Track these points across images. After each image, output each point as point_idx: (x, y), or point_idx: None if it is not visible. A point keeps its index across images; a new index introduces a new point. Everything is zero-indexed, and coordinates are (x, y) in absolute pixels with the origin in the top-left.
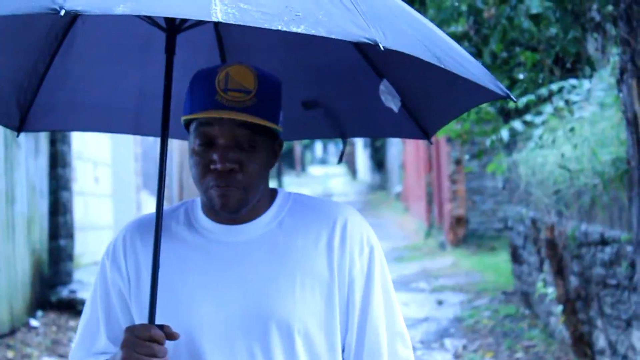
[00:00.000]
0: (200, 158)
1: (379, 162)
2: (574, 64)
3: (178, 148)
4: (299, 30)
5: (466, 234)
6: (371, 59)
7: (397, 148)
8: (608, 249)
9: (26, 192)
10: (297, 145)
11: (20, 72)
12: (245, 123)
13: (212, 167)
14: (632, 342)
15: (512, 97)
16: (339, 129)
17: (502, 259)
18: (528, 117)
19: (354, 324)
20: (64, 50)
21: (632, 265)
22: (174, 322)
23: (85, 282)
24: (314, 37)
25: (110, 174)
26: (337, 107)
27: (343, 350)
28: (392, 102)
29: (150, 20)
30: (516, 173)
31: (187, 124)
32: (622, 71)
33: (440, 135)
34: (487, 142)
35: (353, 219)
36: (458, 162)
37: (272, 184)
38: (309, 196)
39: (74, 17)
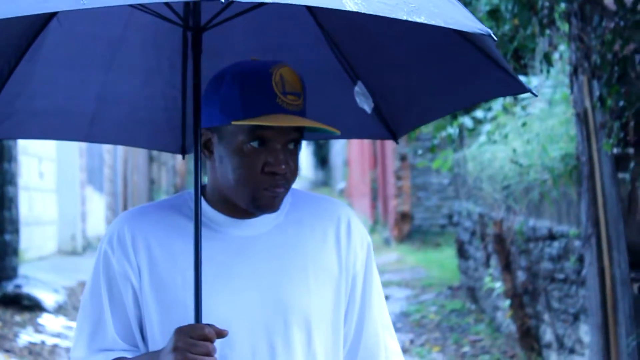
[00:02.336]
0: (252, 160)
1: (322, 158)
2: (529, 61)
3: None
4: (420, 20)
5: (411, 230)
6: (347, 63)
7: (341, 144)
8: (556, 244)
9: None
10: None
11: None
12: (298, 127)
13: (266, 169)
14: (579, 335)
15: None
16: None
17: (447, 254)
18: (477, 114)
19: (354, 316)
20: (30, 56)
21: (580, 259)
22: (191, 319)
23: (30, 277)
24: (288, 40)
25: (55, 169)
26: (310, 108)
27: None
28: (365, 103)
29: (174, 20)
30: (464, 169)
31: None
32: (575, 68)
33: None
34: (443, 136)
35: (353, 216)
36: (403, 158)
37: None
38: (304, 191)
39: (48, 19)
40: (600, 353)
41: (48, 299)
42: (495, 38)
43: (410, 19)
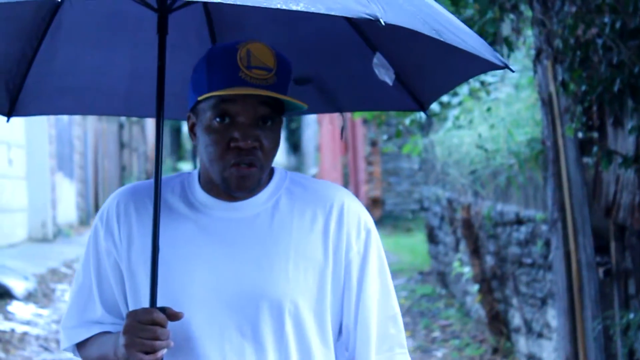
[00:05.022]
0: (219, 135)
1: (294, 144)
2: (490, 45)
3: (92, 130)
4: (298, 8)
5: (382, 216)
6: (364, 33)
7: (312, 130)
8: (523, 229)
9: None
10: None
11: (7, 58)
12: (266, 101)
13: (232, 144)
14: (547, 319)
15: (510, 67)
16: (334, 104)
17: (418, 239)
18: (444, 98)
19: (351, 306)
20: (52, 33)
21: (547, 244)
22: (165, 295)
23: None
24: (305, 12)
25: (25, 156)
26: (332, 82)
27: (340, 333)
28: (385, 75)
29: (141, 0)
30: (432, 154)
31: (198, 102)
32: (538, 52)
33: (357, 117)
34: (407, 122)
35: (350, 202)
36: (374, 143)
37: (187, 166)
38: (306, 176)
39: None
40: (568, 337)
41: (18, 286)
42: (382, 22)
43: (285, 7)
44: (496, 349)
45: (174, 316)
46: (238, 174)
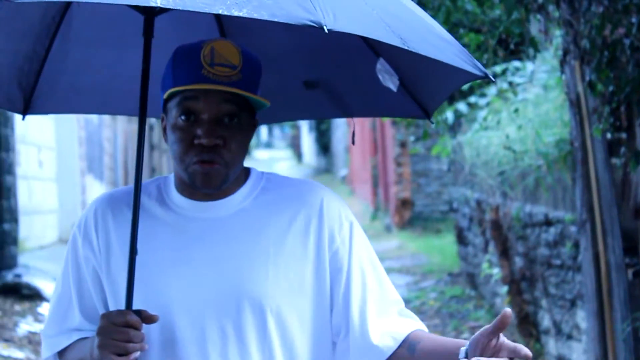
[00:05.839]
0: (183, 133)
1: (324, 145)
2: (517, 46)
3: (122, 132)
4: (241, 14)
5: (412, 217)
6: (368, 39)
7: (342, 131)
8: (552, 230)
9: None
10: None
11: (18, 56)
12: (230, 99)
13: (195, 142)
14: (576, 321)
15: (491, 76)
16: (342, 109)
17: (448, 241)
18: (472, 99)
19: (339, 300)
20: (63, 33)
21: (576, 245)
22: (145, 300)
23: (30, 267)
24: None
25: (55, 157)
26: (340, 87)
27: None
28: (389, 80)
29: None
30: (461, 155)
31: (166, 101)
32: (565, 53)
33: (386, 118)
34: (433, 125)
35: (329, 197)
36: (403, 144)
37: None
38: (282, 175)
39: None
40: (597, 339)
41: (48, 287)
42: (326, 29)
43: (227, 13)
44: None
45: (148, 319)
46: (202, 170)
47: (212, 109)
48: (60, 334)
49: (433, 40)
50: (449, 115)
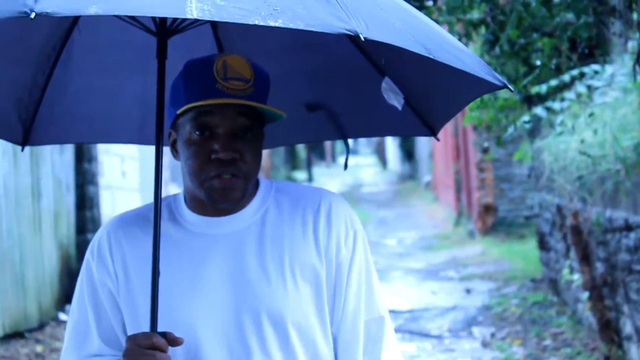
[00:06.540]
0: (199, 148)
1: (408, 151)
2: (592, 49)
3: None
4: (276, 24)
5: (495, 222)
6: (372, 58)
7: (426, 137)
8: (633, 235)
9: (52, 187)
10: None
11: (18, 86)
12: (245, 112)
13: (213, 157)
14: None
15: (509, 86)
16: (341, 131)
17: (531, 246)
18: (551, 104)
19: (339, 311)
20: (63, 61)
21: None
22: (167, 320)
23: None
24: (314, 38)
25: (138, 167)
26: (340, 107)
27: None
28: (394, 99)
29: (140, 24)
30: (540, 160)
31: (178, 116)
32: (638, 55)
33: (467, 123)
34: (510, 129)
35: (337, 203)
36: (485, 150)
37: (302, 175)
38: (292, 183)
39: (70, 28)
40: None
41: None
42: (362, 37)
43: (263, 24)
44: (608, 357)
45: (174, 341)
46: (221, 185)
47: (228, 123)
48: None
49: (452, 50)
50: (526, 119)
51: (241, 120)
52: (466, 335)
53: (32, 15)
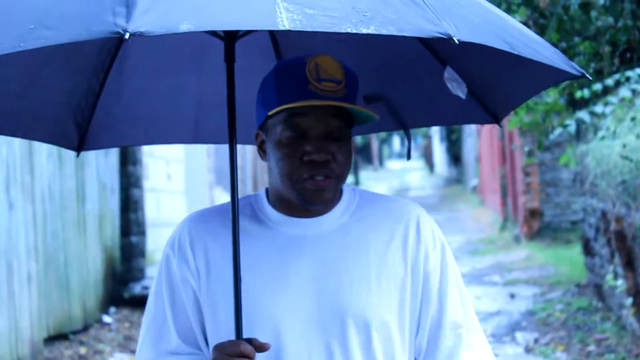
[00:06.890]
0: (291, 150)
1: (455, 155)
2: (632, 53)
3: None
4: (369, 32)
5: (541, 227)
6: (433, 48)
7: (472, 140)
8: None
9: (97, 190)
10: (374, 140)
11: (75, 93)
12: (337, 113)
13: (305, 158)
14: None
15: (587, 75)
16: (401, 121)
17: (577, 251)
18: (595, 108)
19: (427, 321)
20: (118, 65)
21: None
22: (251, 321)
23: None
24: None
25: (183, 170)
26: (399, 98)
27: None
28: (458, 88)
29: (209, 30)
30: (584, 164)
31: (267, 118)
32: None
33: (512, 127)
34: (553, 133)
35: (424, 216)
36: (529, 153)
37: (349, 178)
38: (372, 192)
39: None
40: None
41: None
42: (456, 41)
43: (356, 31)
44: None
45: (260, 347)
46: (314, 186)
47: (322, 125)
48: (156, 357)
49: (530, 43)
50: (571, 123)
51: (334, 122)
52: (509, 340)
53: (127, 36)
